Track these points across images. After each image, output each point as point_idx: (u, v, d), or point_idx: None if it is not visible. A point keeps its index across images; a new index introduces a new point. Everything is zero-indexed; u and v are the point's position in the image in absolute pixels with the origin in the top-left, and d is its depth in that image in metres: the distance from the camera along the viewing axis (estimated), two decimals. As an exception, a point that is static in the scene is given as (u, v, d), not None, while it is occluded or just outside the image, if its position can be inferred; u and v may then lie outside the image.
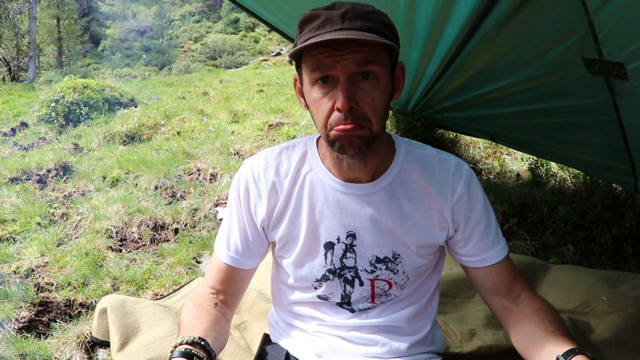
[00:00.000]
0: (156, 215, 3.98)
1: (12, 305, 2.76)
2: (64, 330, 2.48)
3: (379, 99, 1.36)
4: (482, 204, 1.55)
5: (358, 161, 1.46)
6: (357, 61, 1.30)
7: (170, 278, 3.03)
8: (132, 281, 3.03)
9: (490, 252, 1.53)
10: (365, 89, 1.33)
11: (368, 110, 1.33)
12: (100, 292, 2.90)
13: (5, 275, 3.20)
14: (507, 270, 1.55)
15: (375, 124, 1.36)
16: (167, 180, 4.74)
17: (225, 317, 1.60)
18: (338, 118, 1.33)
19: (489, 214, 1.56)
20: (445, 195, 1.52)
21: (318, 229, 1.56)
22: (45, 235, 3.84)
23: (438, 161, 1.56)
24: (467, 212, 1.53)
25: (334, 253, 1.56)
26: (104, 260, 3.40)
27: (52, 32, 34.73)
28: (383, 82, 1.36)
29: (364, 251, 1.55)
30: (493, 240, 1.54)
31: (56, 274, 3.21)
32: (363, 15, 1.31)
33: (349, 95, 1.30)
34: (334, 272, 1.57)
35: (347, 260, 1.56)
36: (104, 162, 5.62)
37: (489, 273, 1.55)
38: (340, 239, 1.55)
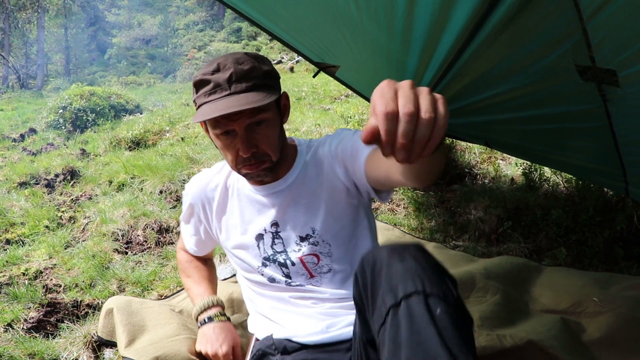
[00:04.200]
0: (161, 219, 3.97)
1: (21, 306, 2.75)
2: (71, 330, 2.47)
3: (274, 135, 1.61)
4: (335, 135, 1.75)
5: (267, 179, 1.74)
6: (249, 116, 1.51)
7: (175, 280, 3.02)
8: (138, 283, 3.02)
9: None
10: (261, 133, 1.56)
11: (267, 148, 1.59)
12: (107, 294, 2.89)
13: (14, 276, 3.19)
14: None
15: (274, 155, 1.63)
16: (171, 185, 4.74)
17: (213, 266, 2.29)
18: (243, 160, 1.59)
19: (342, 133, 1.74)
20: (327, 164, 1.73)
21: (249, 228, 1.83)
22: (53, 238, 3.84)
23: (317, 147, 1.80)
24: (336, 152, 1.69)
25: (265, 242, 1.81)
26: (110, 263, 3.39)
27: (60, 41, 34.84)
28: (273, 120, 1.60)
29: (288, 235, 1.77)
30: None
31: (64, 275, 3.21)
32: (245, 76, 1.51)
33: (249, 144, 1.54)
34: (268, 258, 1.82)
35: (277, 246, 1.80)
36: (110, 167, 5.63)
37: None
38: (266, 230, 1.80)
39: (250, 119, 1.51)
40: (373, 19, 2.55)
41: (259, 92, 1.51)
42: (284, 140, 1.71)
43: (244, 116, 1.50)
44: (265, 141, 1.58)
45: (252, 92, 1.50)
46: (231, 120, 1.50)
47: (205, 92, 1.53)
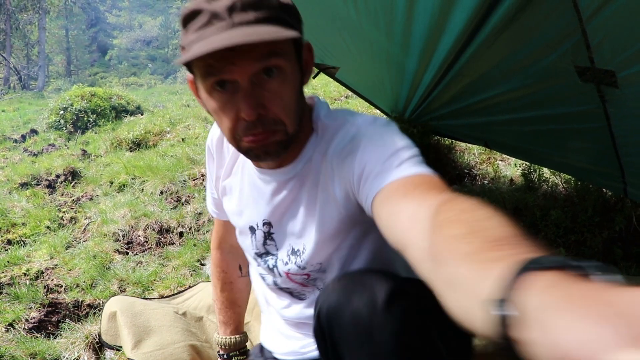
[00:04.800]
0: (162, 219, 3.97)
1: (22, 306, 2.75)
2: (72, 330, 2.47)
3: (289, 95, 1.16)
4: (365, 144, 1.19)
5: (276, 160, 1.31)
6: (256, 59, 1.07)
7: (175, 280, 3.02)
8: (139, 283, 3.02)
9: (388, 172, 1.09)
10: (271, 89, 1.12)
11: (279, 112, 1.14)
12: (108, 294, 2.89)
13: (15, 277, 3.19)
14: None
15: (289, 124, 1.16)
16: (172, 186, 4.73)
17: (248, 275, 1.80)
18: (246, 127, 1.13)
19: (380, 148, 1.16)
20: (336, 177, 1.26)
21: (244, 212, 1.50)
22: (54, 239, 3.83)
23: (336, 133, 1.28)
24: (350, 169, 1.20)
25: (256, 238, 1.48)
26: (111, 263, 3.39)
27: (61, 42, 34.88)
28: (290, 74, 1.15)
29: (281, 239, 1.43)
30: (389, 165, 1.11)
31: (65, 276, 3.21)
32: (254, 4, 1.06)
33: (254, 102, 1.09)
34: (260, 255, 1.50)
35: (269, 247, 1.47)
36: (111, 168, 5.62)
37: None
38: (258, 225, 1.46)
39: (258, 62, 1.07)
40: (372, 21, 2.55)
41: (273, 25, 1.07)
42: (302, 108, 1.25)
43: (249, 58, 1.06)
44: (277, 101, 1.13)
45: (262, 25, 1.06)
46: (231, 64, 1.06)
47: (197, 26, 1.08)
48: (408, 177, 1.03)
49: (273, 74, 1.11)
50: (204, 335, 2.34)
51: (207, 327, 2.40)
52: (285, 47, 1.12)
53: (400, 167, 1.06)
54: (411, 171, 1.04)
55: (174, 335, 2.20)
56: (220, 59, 1.06)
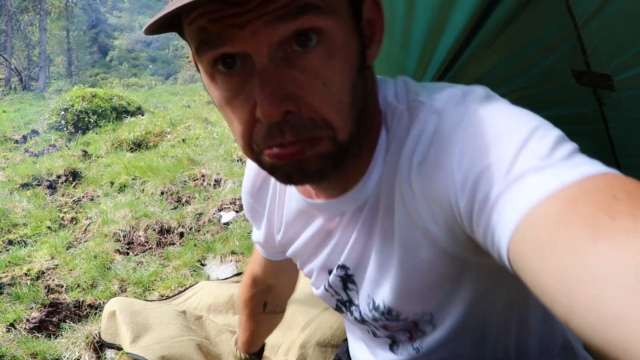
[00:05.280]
0: (162, 220, 3.98)
1: (23, 306, 2.76)
2: (73, 330, 2.48)
3: (341, 78, 0.70)
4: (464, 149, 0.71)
5: (321, 183, 0.90)
6: (279, 17, 0.64)
7: (176, 280, 3.03)
8: (139, 283, 3.03)
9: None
10: (308, 67, 0.68)
11: (322, 107, 0.69)
12: (109, 294, 2.90)
13: (16, 277, 3.20)
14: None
15: (341, 127, 0.72)
16: (172, 186, 4.74)
17: (275, 313, 1.59)
18: (267, 133, 0.71)
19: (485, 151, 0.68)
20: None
21: (309, 259, 1.09)
22: (55, 239, 3.84)
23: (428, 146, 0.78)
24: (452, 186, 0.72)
25: (332, 282, 1.06)
26: (111, 263, 3.40)
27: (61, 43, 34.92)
28: (341, 43, 0.70)
29: (363, 285, 1.00)
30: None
31: (66, 276, 3.21)
32: None
33: (278, 92, 0.66)
34: (344, 303, 1.09)
35: (351, 293, 1.04)
36: (111, 169, 5.63)
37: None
38: (329, 270, 1.05)
39: (283, 23, 0.64)
40: (372, 22, 2.56)
41: None
42: (364, 97, 0.78)
43: (267, 15, 0.64)
44: (318, 88, 0.68)
45: None
46: (237, 27, 0.65)
47: None
48: (573, 187, 0.55)
49: (311, 43, 0.67)
50: (203, 333, 2.35)
51: (206, 326, 2.40)
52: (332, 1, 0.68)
53: (547, 169, 0.59)
54: (575, 173, 0.57)
55: (172, 331, 2.20)
56: (217, 19, 0.65)
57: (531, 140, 0.64)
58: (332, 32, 0.68)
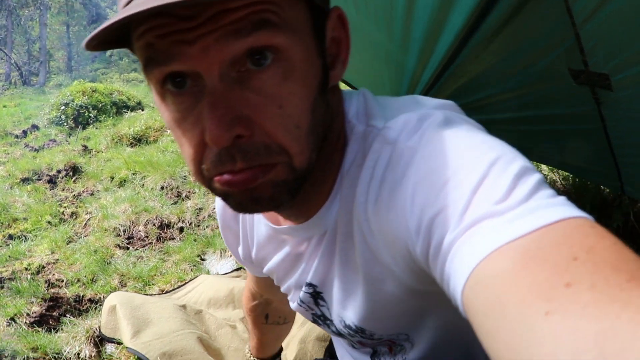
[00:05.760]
0: (162, 215, 3.98)
1: (23, 300, 2.76)
2: (73, 324, 2.49)
3: (297, 101, 0.66)
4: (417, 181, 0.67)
5: (281, 211, 0.90)
6: (232, 32, 0.60)
7: (176, 275, 3.03)
8: (139, 278, 3.03)
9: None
10: (262, 87, 0.63)
11: (276, 132, 0.65)
12: (109, 288, 2.90)
13: (17, 271, 3.21)
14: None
15: (297, 154, 0.67)
16: (172, 181, 4.74)
17: (278, 324, 1.59)
18: (217, 159, 0.66)
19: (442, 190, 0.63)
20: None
21: (282, 279, 1.07)
22: (55, 234, 3.85)
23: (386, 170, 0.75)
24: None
25: (304, 300, 1.04)
26: (112, 258, 3.40)
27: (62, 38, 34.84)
28: (299, 61, 0.65)
29: (332, 303, 0.99)
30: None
31: (66, 270, 3.22)
32: None
33: (227, 115, 0.62)
34: (320, 317, 1.07)
35: (323, 309, 1.03)
36: (112, 163, 5.62)
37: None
38: (299, 285, 1.02)
39: (236, 40, 0.60)
40: (372, 21, 2.56)
41: None
42: (325, 120, 0.74)
43: (218, 30, 0.59)
44: (273, 111, 0.64)
45: None
46: (185, 43, 0.60)
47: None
48: (525, 238, 0.50)
49: (266, 62, 0.63)
50: (203, 327, 2.36)
51: (206, 320, 2.41)
52: (289, 11, 0.64)
53: (503, 215, 0.54)
54: (526, 224, 0.51)
55: (172, 325, 2.21)
56: (165, 35, 0.60)
57: (488, 177, 0.58)
58: (290, 50, 0.63)
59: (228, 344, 2.25)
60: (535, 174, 0.59)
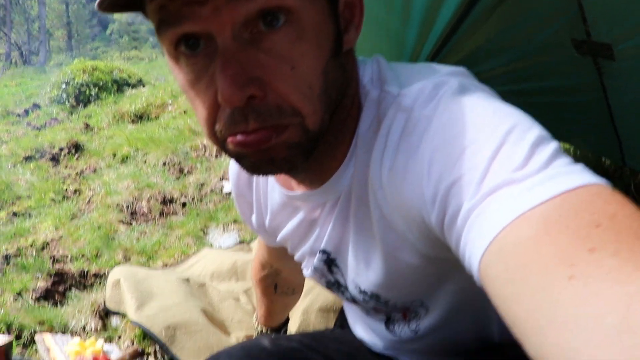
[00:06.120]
0: (165, 190, 3.99)
1: (29, 276, 2.78)
2: (78, 299, 2.51)
3: (309, 63, 0.66)
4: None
5: (295, 175, 0.89)
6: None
7: (179, 249, 3.05)
8: (143, 252, 3.05)
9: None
10: (275, 50, 0.64)
11: (288, 93, 0.65)
12: (113, 263, 2.92)
13: (22, 248, 3.22)
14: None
15: (309, 115, 0.67)
16: (174, 157, 4.74)
17: (287, 294, 1.59)
18: (230, 120, 0.66)
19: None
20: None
21: (297, 247, 1.07)
22: (59, 210, 3.86)
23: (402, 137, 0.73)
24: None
25: (317, 266, 1.03)
26: (115, 233, 3.42)
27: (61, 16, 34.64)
28: (311, 23, 0.65)
29: (345, 269, 0.98)
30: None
31: (70, 246, 3.24)
32: None
33: (240, 75, 0.62)
34: (332, 284, 1.06)
35: (337, 275, 1.02)
36: (114, 141, 5.62)
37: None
38: (313, 253, 1.01)
39: (249, 1, 0.60)
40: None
41: None
42: (340, 83, 0.73)
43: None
44: (285, 73, 0.64)
45: None
46: (197, 3, 0.60)
47: None
48: (546, 205, 0.50)
49: (278, 23, 0.63)
50: (207, 299, 2.37)
51: (210, 293, 2.43)
52: None
53: (522, 182, 0.54)
54: (554, 188, 0.51)
55: (176, 298, 2.23)
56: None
57: (505, 145, 0.58)
58: (302, 12, 0.63)
59: (232, 316, 2.27)
60: (553, 142, 0.59)
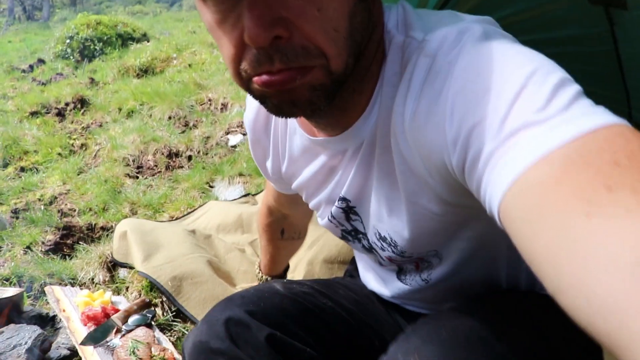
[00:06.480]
0: (170, 144, 3.98)
1: (38, 229, 2.80)
2: (86, 251, 2.52)
3: (335, 5, 0.65)
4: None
5: (318, 119, 0.87)
6: None
7: (185, 202, 3.05)
8: (149, 205, 3.06)
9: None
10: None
11: (314, 35, 0.64)
12: (120, 216, 2.93)
13: (30, 202, 3.24)
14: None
15: (334, 56, 0.67)
16: (180, 111, 4.72)
17: (293, 239, 1.61)
18: (255, 60, 0.66)
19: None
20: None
21: (314, 193, 1.07)
22: (66, 165, 3.88)
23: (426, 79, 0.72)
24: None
25: (335, 215, 1.04)
26: (122, 187, 3.43)
27: (64, -30, 34.06)
28: None
29: (367, 217, 0.99)
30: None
31: (78, 200, 3.25)
32: None
33: (267, 16, 0.61)
34: (349, 233, 1.08)
35: (355, 223, 1.03)
36: (119, 95, 5.60)
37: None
38: (332, 201, 1.02)
39: None
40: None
41: None
42: (364, 27, 0.73)
43: None
44: (311, 14, 0.63)
45: None
46: None
47: None
48: (571, 148, 0.50)
49: None
50: (212, 251, 2.38)
51: (215, 244, 2.44)
52: None
53: (544, 124, 0.53)
54: (575, 130, 0.51)
55: (182, 249, 2.24)
56: None
57: (527, 88, 0.57)
58: None
59: (237, 267, 2.28)
60: (574, 84, 0.58)
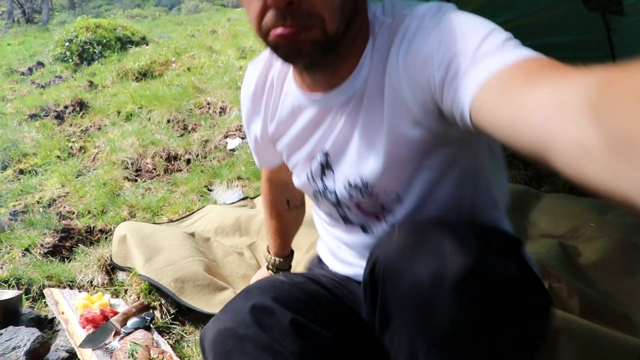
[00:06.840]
0: (169, 147, 3.99)
1: (37, 232, 2.80)
2: (85, 254, 2.52)
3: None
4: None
5: (315, 72, 1.08)
6: None
7: (184, 205, 3.06)
8: (148, 208, 3.06)
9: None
10: None
11: (316, 4, 0.89)
12: (118, 219, 2.93)
13: (29, 204, 3.23)
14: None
15: (329, 21, 0.92)
16: (178, 114, 4.73)
17: (297, 207, 1.74)
18: (273, 17, 0.90)
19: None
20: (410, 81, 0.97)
21: (299, 148, 1.23)
22: (64, 168, 3.88)
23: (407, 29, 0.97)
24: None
25: (313, 170, 1.22)
26: (120, 190, 3.43)
27: (63, -27, 34.02)
28: None
29: (342, 169, 1.15)
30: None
31: (76, 203, 3.25)
32: None
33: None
34: (319, 193, 1.25)
35: (327, 180, 1.21)
36: (118, 98, 5.60)
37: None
38: (314, 156, 1.20)
39: None
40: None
41: None
42: (353, 6, 0.99)
43: None
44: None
45: None
46: None
47: None
48: (518, 62, 0.73)
49: None
50: (211, 254, 2.39)
51: (214, 248, 2.44)
52: None
53: (502, 52, 0.77)
54: (519, 54, 0.75)
55: (183, 252, 2.24)
56: None
57: (490, 35, 0.82)
58: None
59: (236, 271, 2.28)
60: (516, 39, 0.82)
